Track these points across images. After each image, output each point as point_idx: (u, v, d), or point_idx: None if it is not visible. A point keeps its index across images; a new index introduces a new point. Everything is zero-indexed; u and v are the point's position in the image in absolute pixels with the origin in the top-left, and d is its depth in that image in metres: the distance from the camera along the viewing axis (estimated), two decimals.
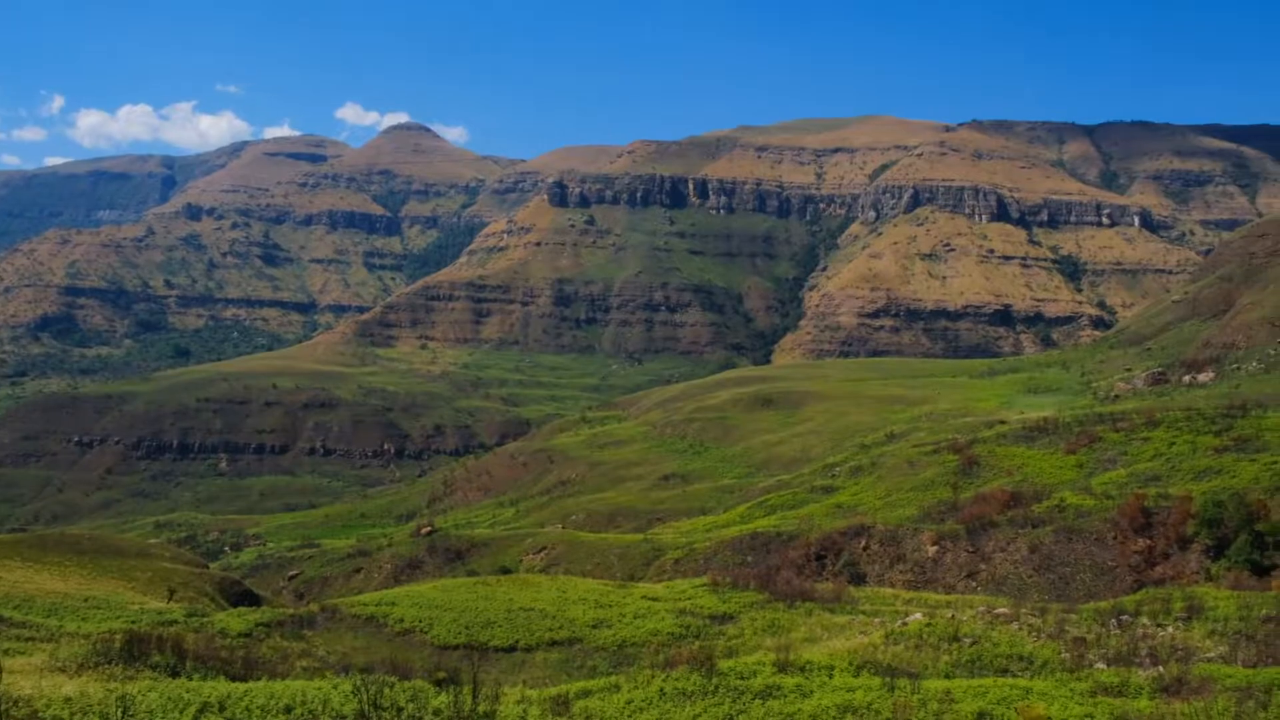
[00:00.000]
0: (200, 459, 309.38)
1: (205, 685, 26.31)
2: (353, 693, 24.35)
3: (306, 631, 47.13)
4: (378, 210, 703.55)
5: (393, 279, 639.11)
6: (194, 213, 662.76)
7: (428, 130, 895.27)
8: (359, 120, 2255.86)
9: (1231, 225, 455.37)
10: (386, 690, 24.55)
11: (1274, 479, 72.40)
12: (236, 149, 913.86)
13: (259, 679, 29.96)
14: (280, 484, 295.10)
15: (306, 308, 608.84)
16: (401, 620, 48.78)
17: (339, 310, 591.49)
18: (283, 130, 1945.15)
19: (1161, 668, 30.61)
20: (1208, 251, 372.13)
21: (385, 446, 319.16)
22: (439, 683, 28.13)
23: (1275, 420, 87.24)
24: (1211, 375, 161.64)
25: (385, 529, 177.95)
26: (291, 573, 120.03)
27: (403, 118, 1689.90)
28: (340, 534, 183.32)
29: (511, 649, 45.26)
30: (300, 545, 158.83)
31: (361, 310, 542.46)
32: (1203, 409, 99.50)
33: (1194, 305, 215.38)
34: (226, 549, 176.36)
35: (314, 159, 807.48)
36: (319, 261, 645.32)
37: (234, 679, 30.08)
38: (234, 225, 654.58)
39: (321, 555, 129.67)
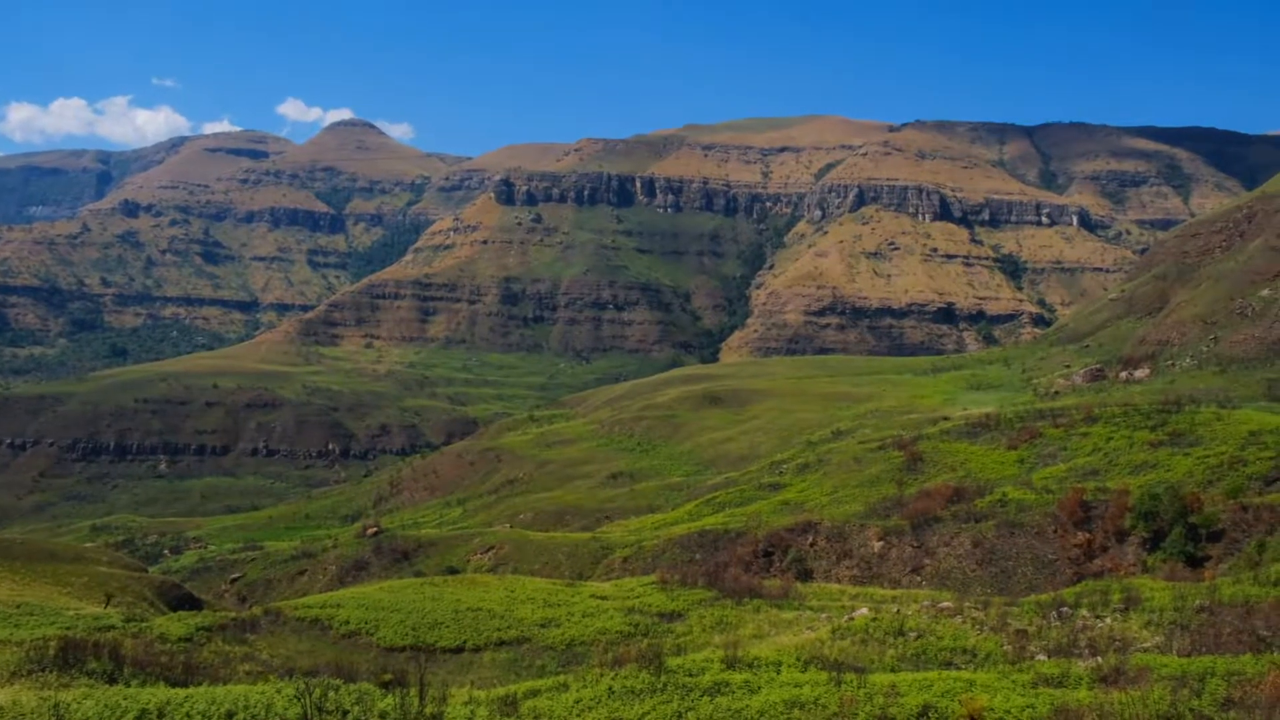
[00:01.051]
0: (139, 461, 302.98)
1: (144, 692, 25.75)
2: (296, 697, 23.99)
3: (249, 635, 46.38)
4: (321, 208, 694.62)
5: (337, 277, 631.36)
6: (131, 209, 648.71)
7: (372, 127, 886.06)
8: (301, 116, 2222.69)
9: (1166, 225, 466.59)
10: (331, 693, 24.23)
11: (1207, 473, 74.27)
12: (175, 144, 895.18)
13: (200, 684, 29.42)
14: (222, 485, 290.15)
15: (249, 306, 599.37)
16: (347, 622, 48.20)
17: (282, 309, 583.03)
18: (222, 126, 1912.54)
19: (1100, 658, 31.22)
20: (1143, 251, 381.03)
21: (330, 446, 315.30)
22: (385, 685, 27.83)
23: (1208, 415, 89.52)
24: (1147, 371, 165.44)
25: (330, 530, 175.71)
26: (234, 575, 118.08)
27: (346, 114, 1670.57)
28: (284, 536, 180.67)
29: (459, 649, 44.94)
30: (243, 547, 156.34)
31: (305, 309, 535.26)
32: (1139, 405, 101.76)
33: (1130, 303, 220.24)
34: (166, 552, 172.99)
35: (255, 155, 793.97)
36: (261, 259, 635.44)
37: (174, 685, 29.51)
38: (173, 222, 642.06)
39: (265, 557, 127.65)
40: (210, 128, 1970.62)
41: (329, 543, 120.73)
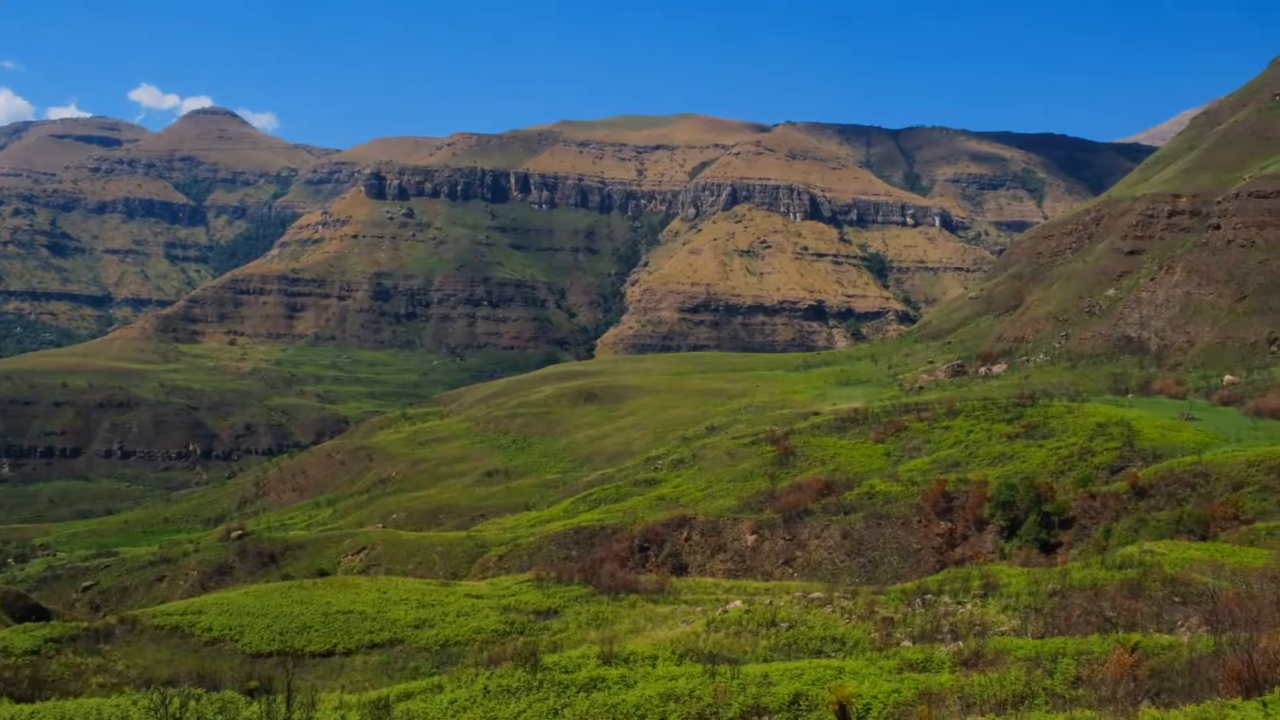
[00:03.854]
0: None
1: None
2: (153, 708, 22.95)
3: (103, 646, 44.21)
4: (180, 199, 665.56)
5: (197, 271, 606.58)
6: None
7: (234, 116, 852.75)
8: (156, 103, 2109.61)
9: (1021, 227, 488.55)
10: (192, 703, 23.27)
11: (1059, 463, 78.11)
12: (18, 130, 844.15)
13: (48, 699, 27.90)
14: (73, 489, 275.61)
15: (101, 301, 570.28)
16: (210, 629, 46.53)
17: (138, 304, 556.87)
18: (70, 111, 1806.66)
19: (961, 643, 32.46)
20: (1000, 251, 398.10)
21: (191, 447, 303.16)
22: (250, 692, 26.92)
23: (1060, 409, 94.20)
24: (1004, 367, 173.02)
25: (191, 534, 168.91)
26: (86, 584, 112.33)
27: (205, 102, 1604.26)
28: (141, 541, 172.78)
29: (329, 653, 43.88)
30: (96, 554, 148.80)
31: (163, 304, 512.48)
32: (997, 399, 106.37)
33: (988, 302, 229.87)
34: (10, 561, 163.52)
35: (107, 143, 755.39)
36: (114, 252, 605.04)
37: (19, 700, 27.91)
38: (16, 212, 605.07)
39: (120, 564, 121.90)
40: (56, 113, 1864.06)
41: (190, 547, 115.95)
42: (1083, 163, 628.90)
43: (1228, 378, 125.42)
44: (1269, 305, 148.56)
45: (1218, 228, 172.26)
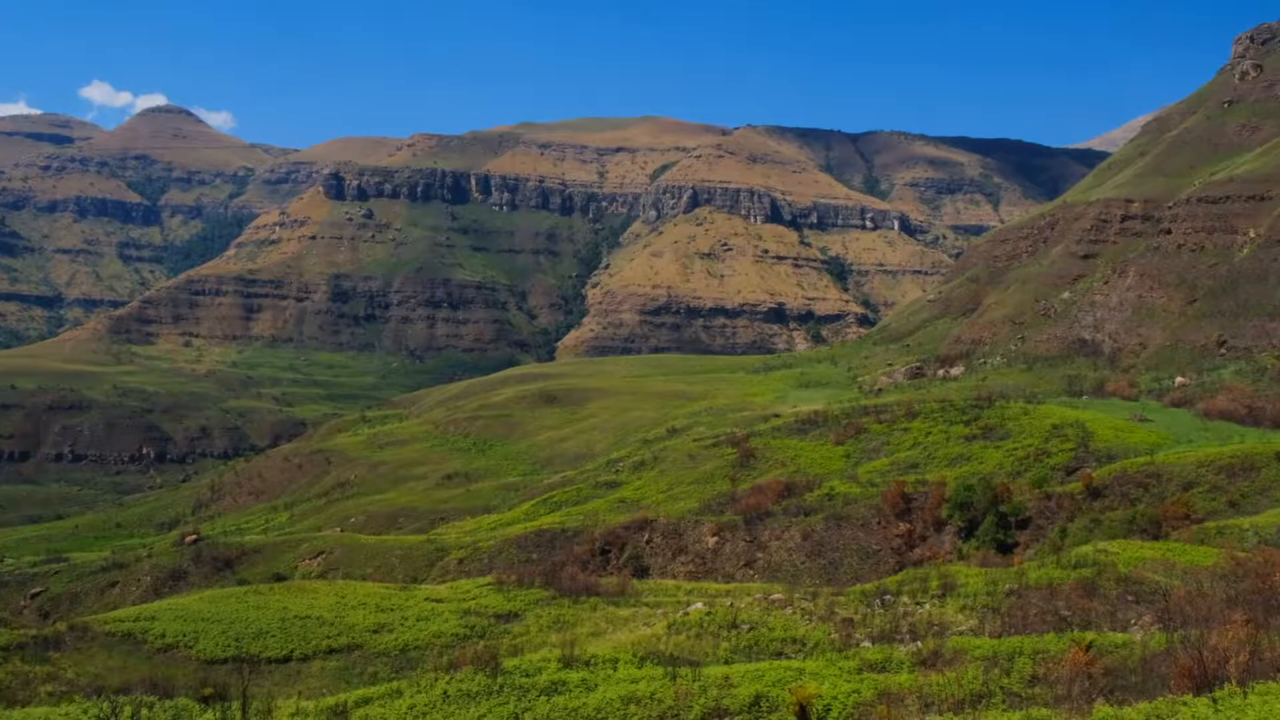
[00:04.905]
0: None
1: None
2: (104, 717, 22.51)
3: (52, 653, 43.36)
4: (134, 198, 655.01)
5: (151, 272, 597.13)
6: None
7: (190, 114, 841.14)
8: (109, 101, 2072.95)
9: (979, 231, 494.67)
10: (144, 711, 22.87)
11: (1015, 464, 79.04)
12: None
13: None
14: (21, 494, 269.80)
15: (51, 302, 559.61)
16: (163, 635, 45.78)
17: (90, 305, 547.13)
18: (18, 108, 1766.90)
19: (920, 643, 32.70)
20: (958, 255, 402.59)
21: (144, 450, 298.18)
22: (205, 700, 26.50)
23: (1016, 410, 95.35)
24: (962, 369, 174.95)
25: (145, 539, 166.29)
26: (34, 590, 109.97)
27: (160, 100, 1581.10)
28: (93, 546, 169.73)
29: (286, 659, 43.33)
30: (45, 560, 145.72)
31: (116, 305, 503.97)
32: (955, 401, 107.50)
33: (946, 304, 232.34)
34: None
35: (59, 140, 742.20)
36: (66, 252, 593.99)
37: None
38: None
39: (70, 570, 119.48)
40: (5, 110, 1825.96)
41: (143, 552, 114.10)
42: (1038, 168, 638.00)
43: (1179, 379, 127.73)
44: (1218, 308, 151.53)
45: (1169, 232, 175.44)
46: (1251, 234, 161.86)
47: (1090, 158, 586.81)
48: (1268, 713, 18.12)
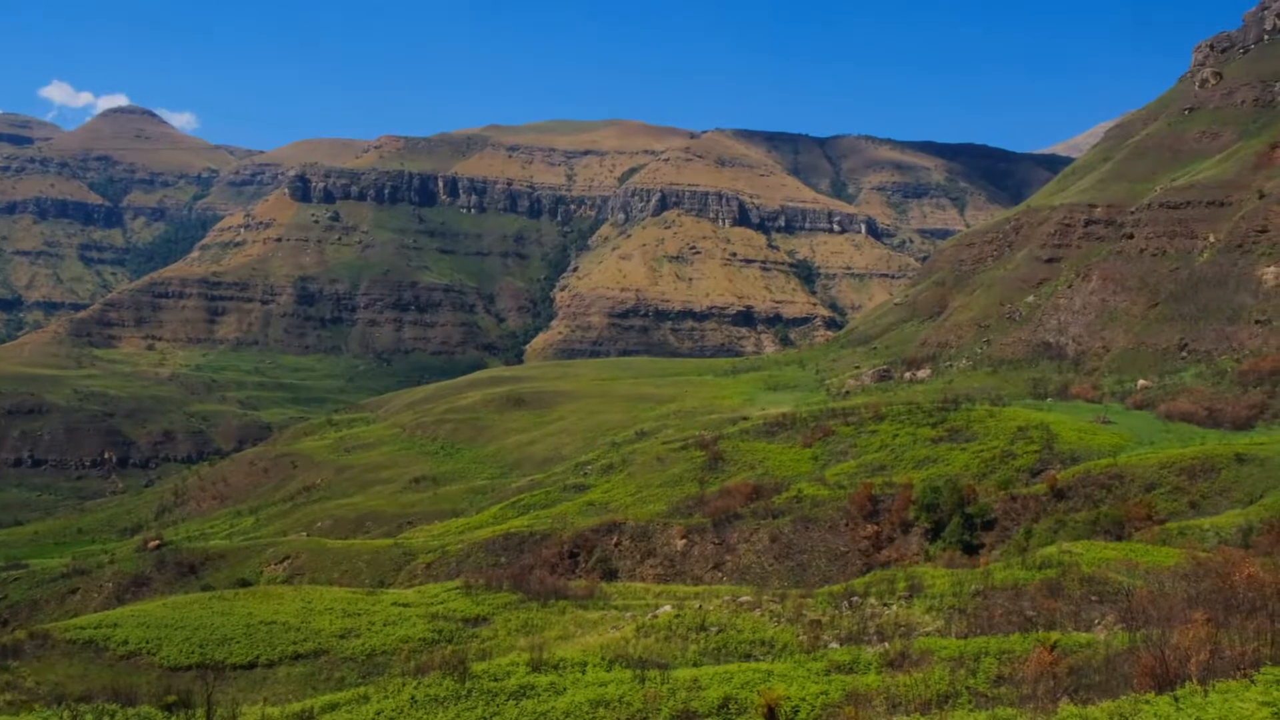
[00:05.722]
0: None
1: None
2: None
3: (11, 662, 42.65)
4: (95, 199, 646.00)
5: (114, 274, 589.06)
6: None
7: (152, 115, 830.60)
8: (69, 101, 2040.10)
9: (944, 235, 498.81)
10: (106, 719, 22.52)
11: (981, 466, 79.73)
12: None
13: None
14: None
15: (10, 304, 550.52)
16: (125, 642, 45.15)
17: (50, 308, 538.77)
18: None
19: (887, 644, 32.89)
20: (925, 258, 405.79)
21: (106, 455, 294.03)
22: (168, 707, 26.17)
23: (982, 413, 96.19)
24: (929, 371, 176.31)
25: (107, 545, 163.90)
26: None
27: (121, 100, 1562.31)
28: (53, 552, 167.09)
29: (251, 665, 42.88)
30: (4, 566, 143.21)
31: (77, 308, 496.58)
32: (922, 403, 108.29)
33: (913, 308, 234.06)
34: None
35: (18, 141, 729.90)
36: (25, 254, 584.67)
37: None
38: None
39: (30, 577, 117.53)
40: None
41: (105, 558, 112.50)
42: (1003, 173, 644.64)
43: (1141, 382, 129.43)
44: (1179, 312, 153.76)
45: (1131, 237, 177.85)
46: (1211, 239, 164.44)
47: (1054, 163, 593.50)
48: (1228, 710, 18.38)
